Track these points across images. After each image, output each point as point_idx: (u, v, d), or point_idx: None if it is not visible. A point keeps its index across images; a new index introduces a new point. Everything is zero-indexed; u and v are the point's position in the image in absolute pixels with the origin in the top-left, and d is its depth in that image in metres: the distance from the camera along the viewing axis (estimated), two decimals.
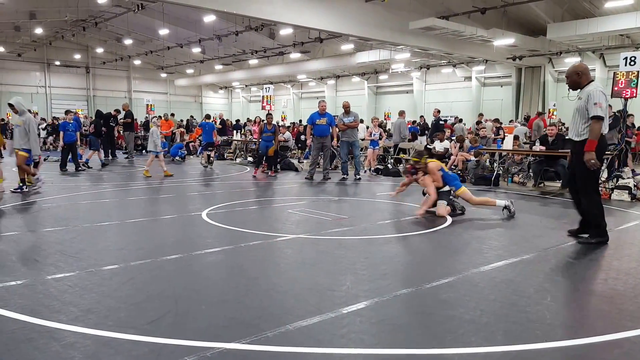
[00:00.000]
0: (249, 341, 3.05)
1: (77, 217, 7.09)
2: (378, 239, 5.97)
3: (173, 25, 28.66)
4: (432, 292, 4.04)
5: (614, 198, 9.38)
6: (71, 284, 4.08)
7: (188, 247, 5.37)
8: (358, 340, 3.13)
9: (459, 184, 7.65)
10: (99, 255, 5.01)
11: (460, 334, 3.23)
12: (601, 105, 5.47)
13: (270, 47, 31.19)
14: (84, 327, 3.24)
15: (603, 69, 26.72)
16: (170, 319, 3.40)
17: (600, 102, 5.47)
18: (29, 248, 5.28)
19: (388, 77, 37.28)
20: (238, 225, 6.66)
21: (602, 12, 20.82)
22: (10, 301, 3.70)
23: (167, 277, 4.36)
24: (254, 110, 45.07)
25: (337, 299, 3.82)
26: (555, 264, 4.98)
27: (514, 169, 12.02)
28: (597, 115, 5.46)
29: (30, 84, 39.38)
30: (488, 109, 29.55)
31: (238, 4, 17.83)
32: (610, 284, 4.31)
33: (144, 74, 44.78)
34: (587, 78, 5.72)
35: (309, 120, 12.41)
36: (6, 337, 3.09)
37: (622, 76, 9.76)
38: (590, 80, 5.70)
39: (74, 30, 32.00)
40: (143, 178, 12.09)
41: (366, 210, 8.39)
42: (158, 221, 7.05)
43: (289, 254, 5.36)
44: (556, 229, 6.72)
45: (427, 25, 20.18)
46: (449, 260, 5.08)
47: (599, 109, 5.45)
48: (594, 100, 5.47)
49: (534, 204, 9.02)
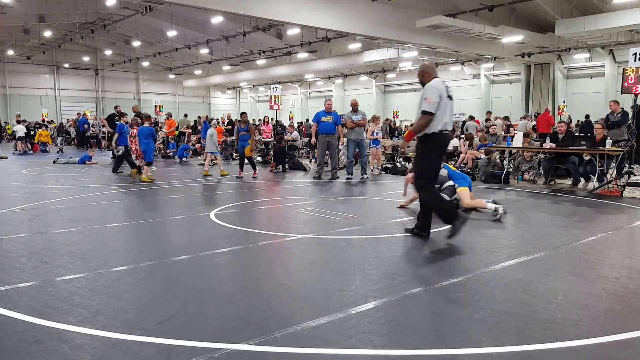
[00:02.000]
0: (257, 342, 3.04)
1: (86, 219, 7.12)
2: (387, 238, 5.94)
3: (181, 27, 28.80)
4: (441, 291, 4.00)
5: (625, 195, 9.29)
6: (80, 286, 4.09)
7: (196, 248, 5.37)
8: (367, 341, 3.11)
9: (462, 183, 7.57)
10: (108, 257, 5.02)
11: (470, 334, 3.20)
12: (430, 100, 5.42)
13: (277, 47, 31.24)
14: (93, 328, 3.24)
15: (613, 64, 26.53)
16: (178, 320, 3.40)
17: (429, 98, 5.44)
18: (39, 250, 5.30)
19: (396, 75, 37.22)
20: (246, 226, 6.66)
21: (611, 8, 20.64)
22: (20, 303, 3.71)
23: (175, 278, 4.36)
24: (262, 110, 45.16)
25: (346, 299, 3.80)
26: (567, 263, 4.93)
27: (525, 166, 11.94)
28: (424, 110, 5.45)
29: (40, 86, 39.67)
30: (497, 107, 29.42)
31: (245, 4, 17.86)
32: (622, 283, 4.25)
33: (152, 76, 45.03)
34: (429, 76, 5.70)
35: (314, 118, 12.40)
36: (15, 339, 3.10)
37: (632, 72, 9.65)
38: (434, 77, 5.66)
39: (82, 33, 32.25)
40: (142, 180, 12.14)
41: (374, 209, 8.36)
42: (166, 222, 7.06)
43: (297, 254, 5.35)
44: (567, 227, 6.66)
45: (434, 23, 20.11)
46: (459, 260, 5.04)
47: (427, 104, 5.43)
48: (425, 96, 5.49)
49: (545, 201, 8.94)
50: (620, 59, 25.42)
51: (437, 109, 5.42)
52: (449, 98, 5.57)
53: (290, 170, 14.51)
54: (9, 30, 32.08)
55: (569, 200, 9.08)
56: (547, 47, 25.53)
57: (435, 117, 5.44)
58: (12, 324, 3.33)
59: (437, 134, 5.52)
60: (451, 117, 5.67)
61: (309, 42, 28.34)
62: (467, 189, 7.52)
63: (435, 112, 5.43)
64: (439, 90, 5.47)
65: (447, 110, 5.53)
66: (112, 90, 42.86)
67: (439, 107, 5.43)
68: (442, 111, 5.47)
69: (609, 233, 6.24)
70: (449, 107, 5.57)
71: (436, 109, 5.42)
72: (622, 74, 10.13)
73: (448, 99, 5.55)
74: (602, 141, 9.99)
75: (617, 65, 25.96)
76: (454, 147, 13.59)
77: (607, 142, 9.81)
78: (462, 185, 7.54)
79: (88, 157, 16.54)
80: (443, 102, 5.46)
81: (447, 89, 5.58)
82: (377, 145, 13.99)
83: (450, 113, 5.61)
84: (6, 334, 3.17)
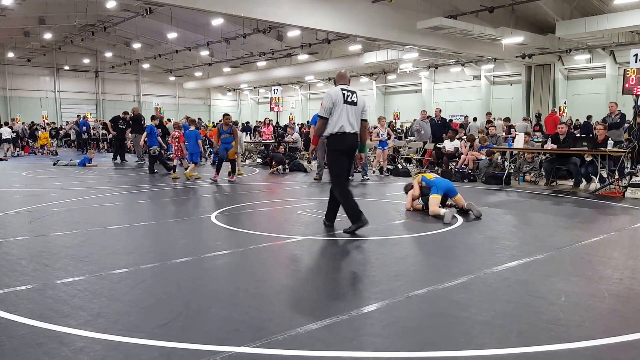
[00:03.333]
0: (259, 344, 3.02)
1: (87, 221, 7.10)
2: (388, 240, 5.92)
3: (181, 29, 28.80)
4: (444, 293, 3.98)
5: (627, 196, 9.26)
6: (81, 288, 4.07)
7: (197, 250, 5.35)
8: (369, 343, 3.09)
9: (434, 191, 7.57)
10: (109, 259, 5.01)
11: (473, 336, 3.18)
12: (323, 105, 6.15)
13: (278, 48, 31.25)
14: (94, 331, 3.22)
15: (613, 65, 26.52)
16: (179, 323, 3.38)
17: (323, 103, 6.16)
18: (39, 252, 5.28)
19: (396, 77, 37.23)
20: (247, 228, 6.64)
21: (612, 9, 20.64)
22: (20, 306, 3.69)
23: (176, 281, 4.34)
24: (262, 111, 45.17)
25: (348, 301, 3.78)
26: (569, 264, 4.91)
27: (526, 167, 11.91)
28: (317, 114, 6.38)
29: (40, 88, 39.68)
30: (498, 108, 29.43)
31: (246, 7, 17.85)
32: (626, 284, 4.23)
33: (152, 78, 45.02)
34: (336, 83, 6.49)
35: (312, 120, 12.38)
36: (16, 342, 3.08)
37: (632, 73, 9.63)
38: (339, 84, 6.33)
39: (83, 35, 32.28)
40: (151, 180, 12.14)
41: (376, 211, 8.33)
42: (167, 224, 7.04)
43: (299, 255, 5.33)
44: (569, 228, 6.64)
45: (434, 24, 20.11)
46: (461, 261, 5.01)
47: (321, 109, 6.21)
48: (322, 102, 6.21)
49: (546, 202, 8.92)
50: (621, 60, 25.41)
51: (331, 113, 6.09)
52: (349, 103, 6.13)
53: (290, 171, 14.49)
54: (9, 33, 32.09)
55: (570, 201, 9.06)
56: (547, 48, 25.53)
57: (330, 121, 6.11)
58: (12, 327, 3.31)
59: (334, 135, 6.12)
60: (353, 120, 6.16)
61: (310, 43, 28.35)
62: (439, 196, 7.51)
63: (328, 116, 6.11)
64: (332, 97, 6.09)
65: (344, 113, 6.07)
66: (112, 93, 42.84)
67: (334, 112, 6.08)
68: (338, 115, 6.06)
69: (611, 234, 6.22)
70: (347, 111, 6.10)
71: (328, 114, 6.11)
72: (623, 75, 10.11)
73: (348, 104, 6.11)
74: (604, 142, 9.97)
75: (618, 66, 25.95)
76: (454, 149, 13.57)
77: (608, 142, 9.79)
78: (434, 192, 7.55)
79: (88, 160, 16.52)
80: (339, 107, 6.07)
81: (346, 95, 6.14)
82: (383, 147, 13.94)
83: (351, 116, 6.13)
84: (7, 337, 3.15)
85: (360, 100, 6.25)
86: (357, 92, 6.31)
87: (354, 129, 6.16)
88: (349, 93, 6.17)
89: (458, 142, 13.77)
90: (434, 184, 7.70)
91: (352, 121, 6.13)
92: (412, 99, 36.13)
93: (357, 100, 6.20)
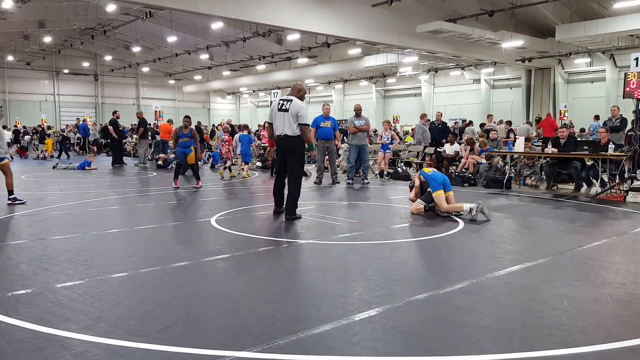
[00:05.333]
0: (260, 349, 3.00)
1: (86, 225, 7.09)
2: (389, 244, 5.91)
3: (181, 33, 28.81)
4: (446, 297, 3.97)
5: (628, 200, 9.25)
6: (81, 292, 4.05)
7: (198, 254, 5.34)
8: (370, 347, 3.07)
9: (436, 187, 7.59)
10: (109, 263, 4.99)
11: (475, 341, 3.16)
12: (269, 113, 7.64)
13: (277, 52, 31.29)
14: (94, 335, 3.20)
15: (614, 69, 26.54)
16: (180, 327, 3.36)
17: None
18: (39, 256, 5.26)
19: (396, 80, 37.24)
20: (248, 231, 6.62)
21: (611, 13, 20.68)
22: (20, 310, 3.67)
23: (177, 285, 4.32)
24: (262, 115, 45.17)
25: (349, 306, 3.76)
26: (571, 268, 4.89)
27: (526, 171, 11.90)
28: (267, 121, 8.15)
29: (39, 92, 39.69)
30: (498, 111, 29.42)
31: (245, 10, 17.86)
32: (628, 289, 4.22)
33: (152, 81, 45.06)
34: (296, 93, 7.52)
35: (312, 123, 12.33)
36: (16, 347, 3.06)
37: (633, 77, 9.64)
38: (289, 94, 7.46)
39: (82, 39, 32.28)
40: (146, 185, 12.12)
41: (376, 215, 8.32)
42: (167, 228, 7.03)
43: (300, 259, 5.31)
44: (570, 232, 6.63)
45: (434, 28, 20.12)
46: (463, 265, 5.00)
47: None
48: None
49: (547, 207, 8.91)
50: (621, 63, 25.43)
51: (272, 120, 7.43)
52: (281, 110, 7.25)
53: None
54: (9, 36, 32.11)
55: (571, 205, 9.05)
56: (547, 52, 25.54)
57: (274, 126, 7.41)
58: (12, 331, 3.29)
59: (277, 137, 7.38)
60: (284, 125, 7.23)
61: (309, 47, 28.37)
62: (442, 192, 7.52)
63: (272, 122, 7.45)
64: (272, 106, 7.50)
65: (277, 120, 7.31)
66: (111, 96, 42.86)
67: (273, 118, 7.41)
68: (274, 121, 7.37)
69: (613, 238, 6.21)
70: (279, 118, 7.28)
71: (272, 120, 7.46)
72: (623, 78, 10.12)
73: (279, 111, 7.26)
74: (606, 145, 9.97)
75: (618, 70, 25.97)
76: (455, 152, 13.56)
77: (609, 146, 9.79)
78: (436, 189, 7.56)
79: (87, 163, 16.50)
80: (273, 113, 7.38)
81: (280, 104, 7.31)
82: (385, 150, 13.94)
83: (282, 122, 7.24)
84: (7, 342, 3.13)
85: (292, 107, 7.19)
86: (294, 101, 7.24)
87: (284, 132, 7.24)
88: (284, 102, 7.29)
89: (458, 146, 13.77)
90: (432, 178, 7.72)
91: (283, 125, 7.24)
92: (411, 103, 36.13)
93: (289, 107, 7.20)
